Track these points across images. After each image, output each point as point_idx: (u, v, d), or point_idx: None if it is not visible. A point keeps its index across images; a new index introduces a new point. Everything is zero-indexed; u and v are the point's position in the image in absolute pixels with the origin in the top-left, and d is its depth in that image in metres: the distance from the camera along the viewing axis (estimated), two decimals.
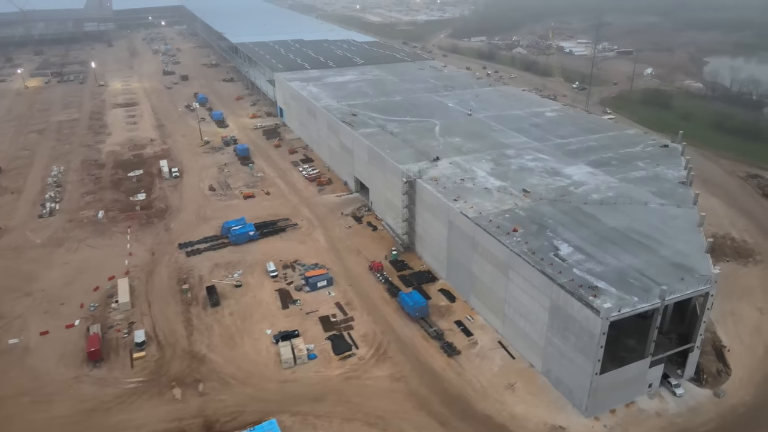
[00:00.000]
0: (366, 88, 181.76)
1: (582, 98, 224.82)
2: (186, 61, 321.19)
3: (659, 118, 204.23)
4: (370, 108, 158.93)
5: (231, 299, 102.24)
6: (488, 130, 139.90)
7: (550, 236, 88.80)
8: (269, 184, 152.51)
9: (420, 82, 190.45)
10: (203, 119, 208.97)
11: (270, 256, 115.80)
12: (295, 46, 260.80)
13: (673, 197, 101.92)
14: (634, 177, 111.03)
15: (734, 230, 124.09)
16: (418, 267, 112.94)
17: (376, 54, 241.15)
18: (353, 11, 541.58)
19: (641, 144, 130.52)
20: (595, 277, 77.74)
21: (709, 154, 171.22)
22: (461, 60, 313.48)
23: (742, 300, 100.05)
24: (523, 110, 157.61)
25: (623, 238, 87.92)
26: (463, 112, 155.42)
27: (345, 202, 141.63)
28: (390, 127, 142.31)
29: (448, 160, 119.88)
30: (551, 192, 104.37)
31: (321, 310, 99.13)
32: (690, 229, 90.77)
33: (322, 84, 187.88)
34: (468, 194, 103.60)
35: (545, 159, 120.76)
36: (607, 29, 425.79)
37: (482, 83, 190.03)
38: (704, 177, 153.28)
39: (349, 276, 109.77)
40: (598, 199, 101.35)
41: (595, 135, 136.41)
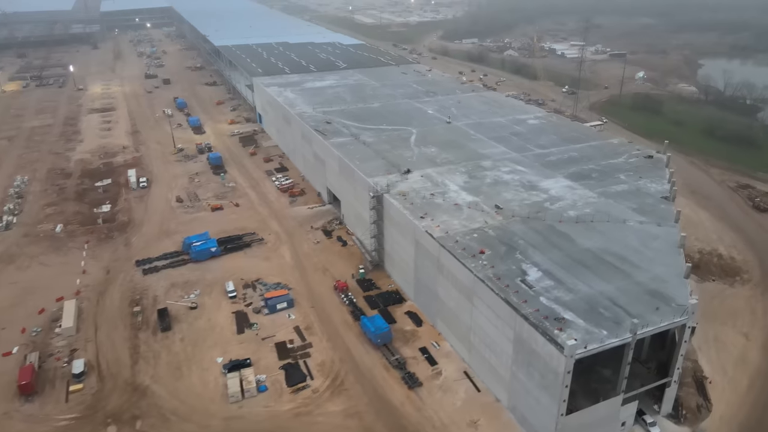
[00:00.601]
0: (345, 94, 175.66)
1: (572, 103, 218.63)
2: (171, 63, 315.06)
3: (649, 124, 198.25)
4: (345, 115, 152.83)
5: (184, 323, 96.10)
6: (466, 140, 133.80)
7: (518, 259, 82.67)
8: (240, 195, 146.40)
9: (401, 87, 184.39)
10: (180, 125, 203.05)
11: (231, 275, 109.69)
12: (279, 49, 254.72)
13: (653, 214, 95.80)
14: (615, 191, 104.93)
15: (722, 246, 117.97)
16: (386, 286, 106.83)
17: (360, 57, 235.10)
18: (345, 12, 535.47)
19: (625, 154, 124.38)
20: (563, 307, 71.60)
21: (699, 162, 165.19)
22: (450, 63, 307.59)
23: (726, 324, 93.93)
24: (505, 117, 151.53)
25: (597, 262, 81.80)
26: (442, 119, 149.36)
27: (317, 214, 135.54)
28: (364, 136, 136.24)
29: (420, 173, 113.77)
30: (525, 208, 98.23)
31: (278, 335, 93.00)
32: (669, 250, 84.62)
33: (301, 89, 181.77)
34: (436, 211, 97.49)
35: (522, 171, 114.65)
36: (602, 31, 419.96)
37: (466, 88, 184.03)
38: (693, 187, 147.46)
39: (312, 296, 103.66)
40: (573, 216, 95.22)
41: (578, 145, 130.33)
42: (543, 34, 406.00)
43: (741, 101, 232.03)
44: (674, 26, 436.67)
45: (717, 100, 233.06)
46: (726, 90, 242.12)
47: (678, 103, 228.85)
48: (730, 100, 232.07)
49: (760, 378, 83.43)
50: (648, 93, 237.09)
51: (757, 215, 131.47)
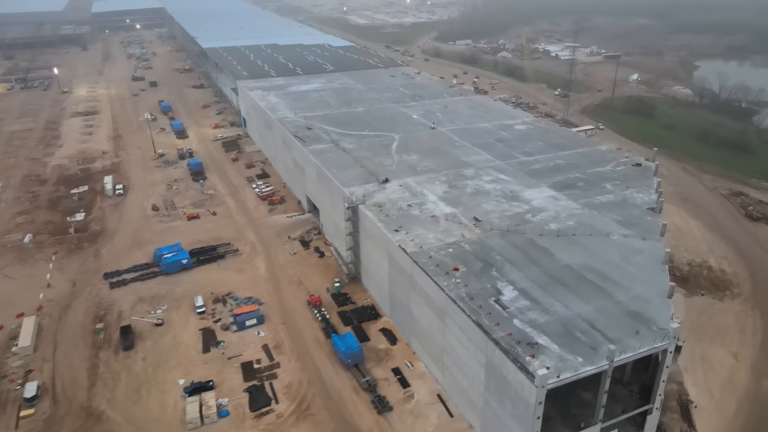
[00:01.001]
0: (329, 98, 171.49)
1: (564, 106, 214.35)
2: (159, 65, 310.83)
3: (642, 128, 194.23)
4: (328, 120, 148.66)
5: (148, 341, 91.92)
6: (449, 146, 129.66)
7: (494, 277, 78.51)
8: (218, 203, 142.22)
9: (388, 91, 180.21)
10: (163, 129, 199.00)
11: (202, 288, 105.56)
12: (267, 51, 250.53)
13: (639, 227, 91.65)
14: (600, 202, 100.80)
15: (712, 257, 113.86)
16: (361, 301, 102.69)
17: (348, 60, 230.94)
18: (340, 13, 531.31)
19: (612, 162, 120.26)
20: (538, 331, 67.46)
21: (692, 168, 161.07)
22: (442, 65, 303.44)
23: (715, 342, 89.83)
24: (492, 123, 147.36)
25: (576, 279, 77.66)
26: (426, 125, 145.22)
27: (295, 223, 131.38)
28: (345, 142, 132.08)
29: (398, 182, 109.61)
30: (505, 220, 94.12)
31: (245, 354, 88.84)
32: (653, 267, 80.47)
33: (284, 93, 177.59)
34: (412, 223, 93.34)
35: (505, 180, 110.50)
36: (598, 32, 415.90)
37: (453, 92, 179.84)
38: (684, 194, 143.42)
39: (284, 312, 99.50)
40: (555, 229, 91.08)
41: (564, 152, 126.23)
42: (538, 35, 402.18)
43: (736, 104, 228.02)
44: (671, 27, 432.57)
45: (712, 103, 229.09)
46: (721, 92, 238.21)
47: (672, 106, 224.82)
48: (725, 103, 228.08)
49: (748, 401, 79.39)
50: (641, 96, 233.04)
51: (749, 224, 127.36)
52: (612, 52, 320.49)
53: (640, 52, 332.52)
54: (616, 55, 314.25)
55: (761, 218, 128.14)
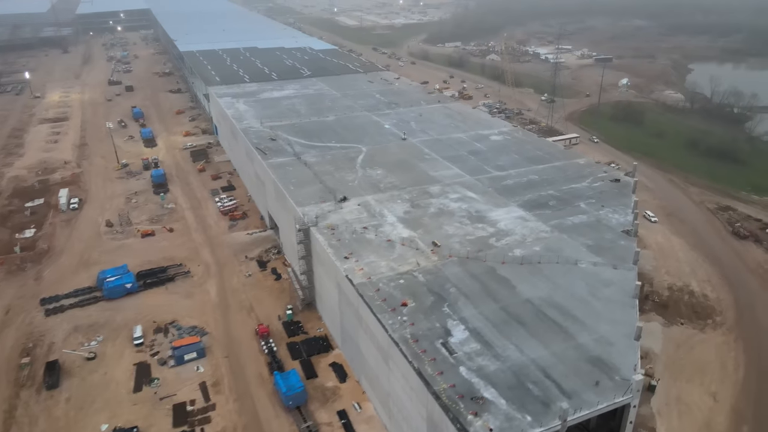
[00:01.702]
0: (300, 106, 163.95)
1: (550, 112, 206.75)
2: (139, 69, 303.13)
3: (629, 136, 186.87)
4: (294, 130, 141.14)
5: (76, 377, 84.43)
6: (418, 160, 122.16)
7: (445, 314, 71.01)
8: (177, 218, 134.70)
9: (363, 98, 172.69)
10: (131, 137, 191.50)
11: (144, 316, 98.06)
12: (245, 54, 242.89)
13: (610, 253, 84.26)
14: (571, 224, 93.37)
15: (694, 281, 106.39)
16: (314, 330, 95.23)
17: (327, 64, 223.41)
18: (330, 14, 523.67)
19: (589, 178, 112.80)
20: (486, 381, 60.02)
21: (678, 179, 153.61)
22: (429, 68, 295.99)
23: (693, 381, 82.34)
24: (467, 133, 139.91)
25: (536, 317, 70.18)
26: (398, 135, 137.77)
27: (255, 241, 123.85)
28: (308, 155, 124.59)
29: (357, 201, 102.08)
30: (466, 245, 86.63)
31: (180, 394, 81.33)
32: (622, 302, 73.05)
33: (255, 100, 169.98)
34: (365, 249, 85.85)
35: (472, 199, 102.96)
36: (591, 34, 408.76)
37: (431, 99, 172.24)
38: (669, 209, 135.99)
39: (229, 343, 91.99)
40: (519, 256, 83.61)
41: (540, 165, 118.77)
42: (530, 37, 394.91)
43: (728, 109, 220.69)
44: (666, 28, 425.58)
45: (703, 109, 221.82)
46: (713, 97, 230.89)
47: (662, 112, 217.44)
48: (717, 109, 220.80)
49: None
50: (630, 101, 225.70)
51: (736, 243, 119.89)
52: (603, 55, 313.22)
53: (632, 54, 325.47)
54: (607, 58, 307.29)
55: (748, 236, 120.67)
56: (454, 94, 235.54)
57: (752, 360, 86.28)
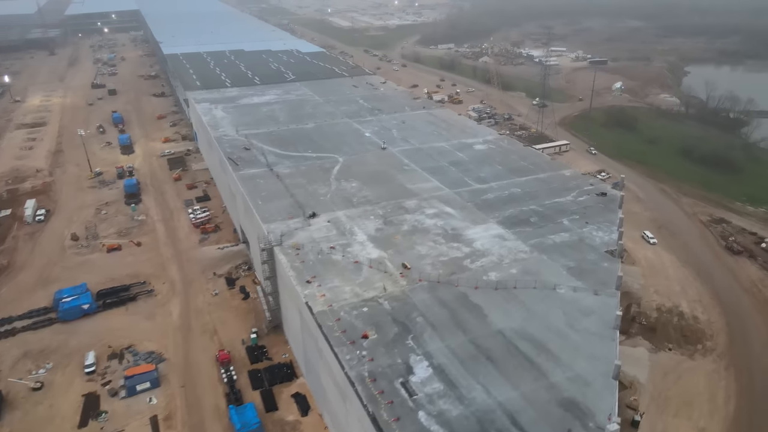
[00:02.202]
0: (280, 112, 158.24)
1: (542, 117, 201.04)
2: (125, 71, 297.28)
3: (621, 143, 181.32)
4: (271, 139, 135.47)
5: (19, 410, 78.76)
6: (397, 171, 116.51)
7: (408, 347, 65.40)
8: (147, 231, 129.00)
9: (345, 104, 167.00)
10: (108, 144, 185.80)
11: (100, 340, 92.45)
12: (230, 58, 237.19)
13: (592, 277, 78.68)
14: (552, 243, 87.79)
15: (684, 301, 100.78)
16: (279, 356, 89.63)
17: (313, 68, 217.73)
18: (324, 15, 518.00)
19: (575, 190, 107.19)
20: (446, 430, 54.35)
21: (671, 189, 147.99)
22: (420, 71, 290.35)
23: (680, 415, 76.74)
24: (450, 142, 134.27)
25: (507, 352, 64.59)
26: (377, 144, 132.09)
27: (226, 256, 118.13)
28: (282, 166, 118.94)
29: (328, 217, 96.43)
30: (439, 267, 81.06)
31: (128, 429, 75.63)
32: (602, 333, 67.51)
33: (234, 106, 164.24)
34: (330, 272, 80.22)
35: (449, 215, 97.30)
36: (585, 35, 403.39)
37: (416, 105, 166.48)
38: (660, 221, 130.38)
39: (187, 371, 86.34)
40: (494, 280, 78.04)
41: (523, 177, 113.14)
42: (525, 39, 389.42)
43: (724, 114, 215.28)
44: (663, 30, 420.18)
45: (698, 114, 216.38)
46: (708, 101, 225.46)
47: (656, 117, 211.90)
48: (713, 114, 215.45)
49: None
50: (624, 106, 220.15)
51: (729, 259, 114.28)
52: (598, 58, 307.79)
53: (628, 56, 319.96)
54: (602, 60, 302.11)
55: (742, 252, 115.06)
56: (444, 99, 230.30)
57: (744, 391, 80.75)
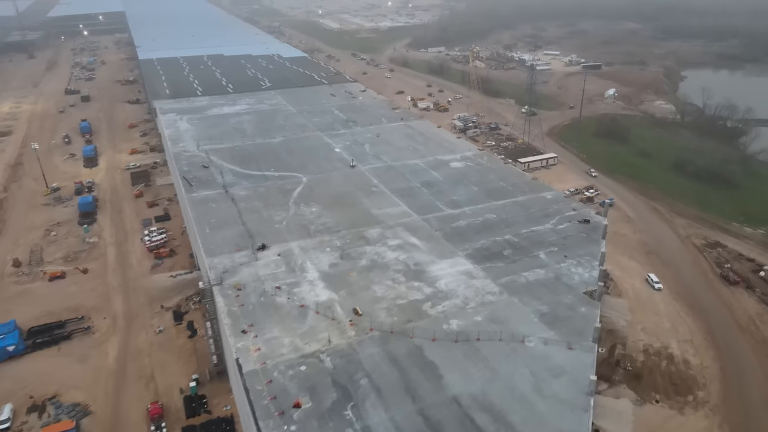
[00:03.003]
0: (249, 124, 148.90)
1: (530, 126, 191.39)
2: (103, 76, 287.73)
3: (612, 155, 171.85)
4: (233, 155, 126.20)
5: None
6: (363, 193, 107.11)
7: (346, 420, 55.99)
8: (97, 255, 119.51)
9: (319, 115, 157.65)
10: (72, 155, 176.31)
11: (23, 387, 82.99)
12: (207, 63, 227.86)
13: (567, 325, 69.36)
14: (525, 282, 78.46)
15: (675, 341, 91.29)
16: (221, 408, 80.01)
17: (292, 74, 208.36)
18: (316, 17, 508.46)
19: (556, 216, 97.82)
20: None
21: (663, 208, 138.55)
22: (408, 75, 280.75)
23: None
24: (425, 159, 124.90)
25: (460, 426, 55.15)
26: (347, 161, 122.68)
27: (178, 286, 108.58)
28: (239, 187, 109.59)
29: (279, 249, 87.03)
30: (395, 313, 71.70)
31: None
32: (573, 401, 58.12)
33: (201, 118, 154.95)
34: (271, 318, 70.83)
35: (414, 247, 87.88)
36: (580, 38, 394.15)
37: (394, 116, 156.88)
38: (651, 245, 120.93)
39: (114, 427, 76.79)
40: (455, 329, 68.66)
41: (500, 201, 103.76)
42: (518, 42, 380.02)
43: (721, 123, 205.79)
44: (659, 32, 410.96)
45: (694, 123, 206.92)
46: (705, 109, 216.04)
47: (650, 126, 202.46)
48: (709, 123, 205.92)
49: None
50: (617, 114, 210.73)
51: (724, 290, 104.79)
52: (592, 62, 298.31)
53: (623, 60, 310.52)
54: (595, 65, 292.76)
55: (738, 282, 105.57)
56: (429, 106, 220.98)
57: None
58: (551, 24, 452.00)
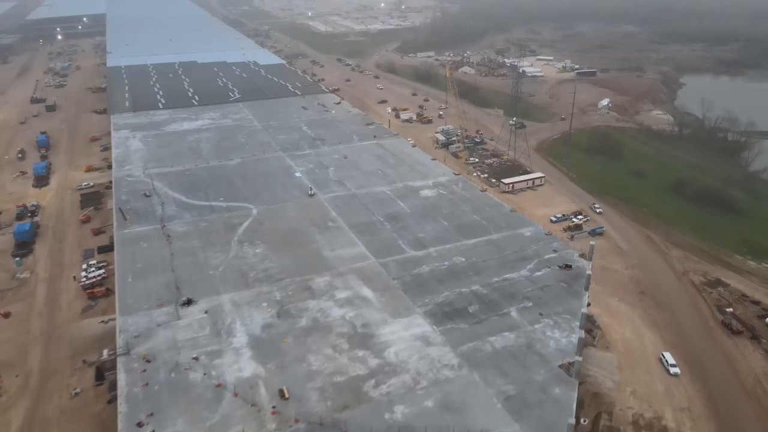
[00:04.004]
0: (207, 143, 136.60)
1: (518, 140, 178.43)
2: (75, 83, 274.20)
3: (605, 174, 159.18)
4: (181, 181, 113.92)
5: None
6: (318, 230, 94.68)
7: None
8: (25, 295, 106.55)
9: (286, 131, 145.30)
10: (22, 173, 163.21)
11: None
12: (178, 71, 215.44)
13: (536, 414, 57.01)
14: (491, 350, 66.12)
15: (669, 408, 78.66)
16: None
17: (265, 84, 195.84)
18: (306, 19, 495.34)
19: (534, 260, 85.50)
20: None
21: (659, 237, 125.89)
22: (393, 83, 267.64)
23: None
24: (393, 185, 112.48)
25: None
26: (306, 188, 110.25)
27: (108, 334, 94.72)
28: (179, 221, 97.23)
29: (208, 304, 74.63)
30: (329, 396, 59.25)
31: None
32: None
33: (156, 135, 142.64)
34: (177, 404, 58.35)
35: (365, 301, 75.45)
36: (576, 42, 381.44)
37: (366, 134, 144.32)
38: (644, 284, 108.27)
39: None
40: (400, 420, 56.19)
41: (472, 240, 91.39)
42: (511, 46, 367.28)
43: (721, 136, 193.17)
44: (657, 35, 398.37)
45: (693, 136, 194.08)
46: (705, 121, 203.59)
47: (646, 140, 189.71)
48: (709, 136, 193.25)
49: None
50: (611, 127, 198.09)
51: (726, 341, 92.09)
52: (586, 68, 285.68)
53: (619, 66, 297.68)
54: (590, 71, 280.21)
55: (742, 331, 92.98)
56: (411, 118, 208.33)
57: None
58: (546, 27, 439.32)
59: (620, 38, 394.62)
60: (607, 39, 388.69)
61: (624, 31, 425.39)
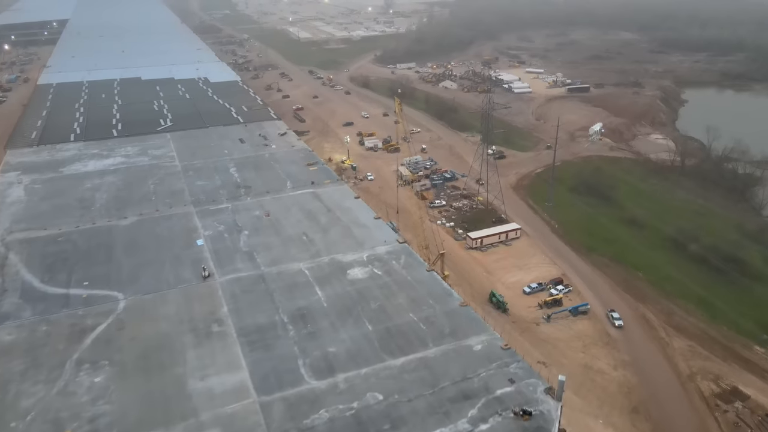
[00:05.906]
0: (105, 193, 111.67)
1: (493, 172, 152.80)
2: (17, 98, 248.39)
3: (592, 223, 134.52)
4: (46, 252, 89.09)
5: None
6: (195, 338, 69.76)
7: None
8: None
9: (209, 174, 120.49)
10: None
11: None
12: (114, 91, 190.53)
13: None
14: None
15: None
16: None
17: (207, 108, 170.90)
18: (287, 24, 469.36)
19: (481, 399, 60.57)
20: None
21: (657, 316, 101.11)
22: (365, 99, 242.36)
23: None
24: (316, 260, 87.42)
25: None
26: (201, 262, 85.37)
27: None
28: (11, 324, 72.58)
29: None
30: None
31: None
32: None
33: (48, 180, 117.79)
34: None
35: None
36: (569, 51, 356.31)
37: (304, 179, 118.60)
38: (637, 395, 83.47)
39: None
40: None
41: (399, 359, 66.34)
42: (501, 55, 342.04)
43: (730, 169, 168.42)
44: (657, 44, 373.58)
45: (698, 169, 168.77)
46: (711, 151, 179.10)
47: (643, 175, 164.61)
48: (716, 168, 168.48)
49: None
50: (603, 159, 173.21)
51: None
52: (579, 83, 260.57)
53: (615, 80, 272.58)
54: (583, 87, 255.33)
55: None
56: (376, 145, 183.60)
57: None
58: (539, 34, 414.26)
59: (617, 47, 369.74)
60: (603, 48, 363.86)
61: (622, 39, 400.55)
